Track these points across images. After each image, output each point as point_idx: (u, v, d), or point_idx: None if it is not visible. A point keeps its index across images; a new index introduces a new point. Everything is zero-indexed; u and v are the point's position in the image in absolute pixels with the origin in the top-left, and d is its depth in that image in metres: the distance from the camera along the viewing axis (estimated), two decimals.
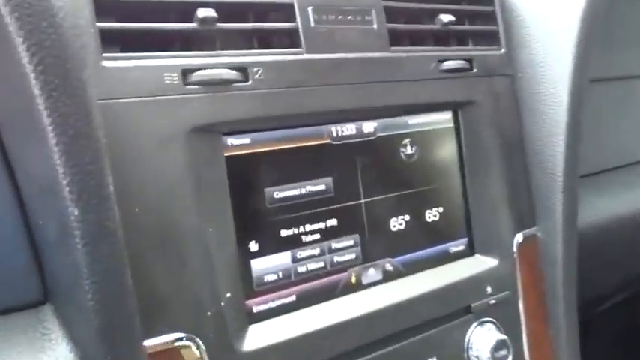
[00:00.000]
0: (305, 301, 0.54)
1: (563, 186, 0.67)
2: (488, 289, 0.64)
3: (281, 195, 0.53)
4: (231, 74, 0.48)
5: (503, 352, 0.61)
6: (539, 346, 0.68)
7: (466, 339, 0.62)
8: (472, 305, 0.62)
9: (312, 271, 0.55)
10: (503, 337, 0.62)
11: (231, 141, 0.50)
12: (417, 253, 0.62)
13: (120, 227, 0.38)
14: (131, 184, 0.43)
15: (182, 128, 0.45)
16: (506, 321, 0.65)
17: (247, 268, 0.51)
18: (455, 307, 0.61)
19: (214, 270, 0.47)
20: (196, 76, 0.46)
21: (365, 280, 0.58)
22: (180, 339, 0.45)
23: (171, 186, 0.45)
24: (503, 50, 0.69)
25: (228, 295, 0.48)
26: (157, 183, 0.44)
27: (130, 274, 0.41)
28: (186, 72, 0.46)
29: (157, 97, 0.45)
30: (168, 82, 0.45)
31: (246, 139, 0.51)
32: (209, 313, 0.46)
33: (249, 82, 0.49)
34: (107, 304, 0.37)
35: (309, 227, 0.55)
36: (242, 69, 0.49)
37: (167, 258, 0.45)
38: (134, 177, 0.43)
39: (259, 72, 0.50)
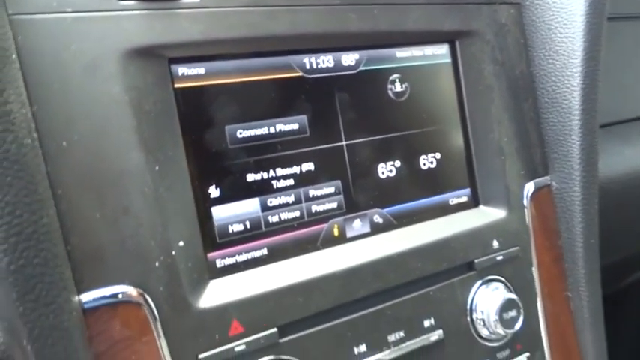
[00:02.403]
0: (278, 255, 0.48)
1: (581, 127, 0.59)
2: (495, 244, 0.56)
3: (245, 134, 0.46)
4: None
5: (512, 314, 0.54)
6: (556, 311, 0.60)
7: (469, 299, 0.54)
8: (475, 261, 0.55)
9: (285, 221, 0.48)
10: (513, 296, 0.54)
11: (182, 70, 0.44)
12: (411, 204, 0.55)
13: (35, 158, 0.32)
14: (57, 113, 0.37)
15: (115, 51, 0.39)
16: (517, 280, 0.57)
17: (207, 216, 0.45)
18: (455, 263, 0.53)
19: (162, 214, 0.41)
20: None
21: (350, 233, 0.51)
22: (124, 293, 0.39)
23: (106, 118, 0.39)
24: None
25: (181, 243, 0.42)
26: (88, 114, 0.38)
27: (53, 216, 0.35)
28: None
29: (85, 14, 0.38)
30: None
31: (199, 69, 0.44)
32: (157, 263, 0.40)
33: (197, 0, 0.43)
34: (20, 253, 0.32)
35: (280, 172, 0.48)
36: None
37: (103, 199, 0.39)
38: (60, 105, 0.37)
39: None
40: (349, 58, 0.52)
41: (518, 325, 0.54)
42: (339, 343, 0.47)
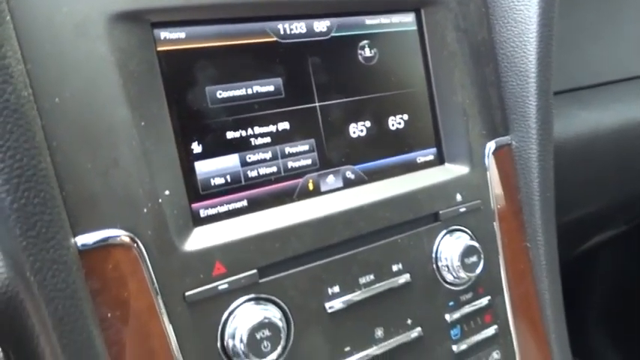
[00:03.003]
0: (257, 206, 0.52)
1: (537, 89, 0.64)
2: (458, 197, 0.61)
3: (225, 95, 0.50)
4: None
5: (473, 259, 0.59)
6: (516, 259, 0.66)
7: (434, 247, 0.59)
8: (440, 212, 0.59)
9: (263, 176, 0.52)
10: (474, 243, 0.59)
11: (164, 34, 0.47)
12: (381, 161, 0.59)
13: (32, 110, 0.36)
14: (50, 71, 0.41)
15: (102, 14, 0.43)
16: (478, 231, 0.62)
17: (191, 170, 0.49)
18: (421, 214, 0.58)
19: (149, 167, 0.45)
20: None
21: (324, 187, 0.56)
22: (116, 237, 0.43)
23: (94, 76, 0.42)
24: None
25: (167, 193, 0.46)
26: (79, 72, 0.42)
27: (49, 164, 0.39)
28: None
29: None
30: None
31: (180, 33, 0.48)
32: (145, 210, 0.44)
33: None
34: (22, 193, 0.36)
35: (258, 130, 0.52)
36: None
37: (94, 151, 0.42)
38: (52, 64, 0.41)
39: None
40: (321, 25, 0.55)
41: (479, 270, 0.59)
42: (314, 284, 0.51)
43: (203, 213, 0.49)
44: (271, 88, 0.53)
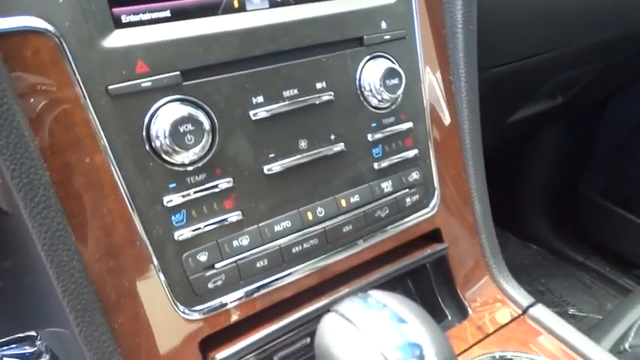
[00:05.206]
0: (181, 16, 0.53)
1: None
2: (383, 25, 0.63)
3: None
4: None
5: (394, 81, 0.62)
6: (438, 91, 0.70)
7: (358, 70, 0.62)
8: (365, 37, 0.62)
9: None
10: (395, 66, 0.62)
11: None
12: None
13: None
14: None
15: None
16: (402, 60, 0.65)
17: None
18: (345, 36, 0.60)
19: None
20: None
21: (249, 6, 0.56)
22: (30, 24, 0.44)
23: None
24: None
25: None
26: None
27: None
28: None
29: None
30: None
31: None
32: (61, 0, 0.45)
33: None
34: None
35: None
36: None
37: None
38: None
39: None
40: None
41: (400, 91, 0.62)
42: (238, 92, 0.54)
43: (125, 19, 0.50)
44: None
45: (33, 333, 1.35)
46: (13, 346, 1.37)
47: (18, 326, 0.81)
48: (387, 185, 0.65)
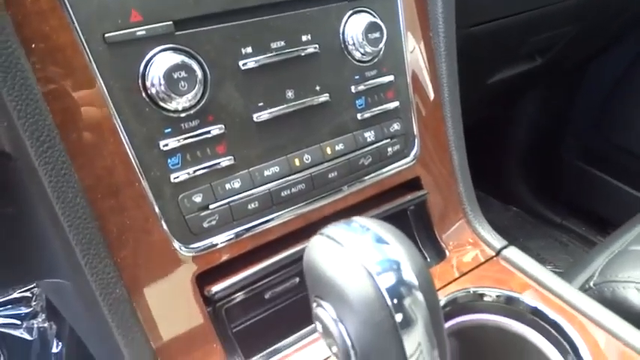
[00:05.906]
0: None
1: None
2: None
3: None
4: None
5: (376, 35, 0.65)
6: (418, 46, 0.73)
7: (342, 24, 0.65)
8: None
9: None
10: (377, 20, 0.65)
11: None
12: None
13: None
14: None
15: None
16: (384, 13, 0.68)
17: None
18: None
19: None
20: None
21: None
22: None
23: None
24: None
25: None
26: None
27: None
28: None
29: None
30: None
31: None
32: None
33: None
34: None
35: None
36: None
37: None
38: None
39: None
40: None
41: (381, 45, 0.66)
42: (228, 42, 0.57)
43: None
44: None
45: (28, 294, 1.39)
46: (9, 306, 1.41)
47: (19, 277, 0.85)
48: (369, 135, 0.69)
